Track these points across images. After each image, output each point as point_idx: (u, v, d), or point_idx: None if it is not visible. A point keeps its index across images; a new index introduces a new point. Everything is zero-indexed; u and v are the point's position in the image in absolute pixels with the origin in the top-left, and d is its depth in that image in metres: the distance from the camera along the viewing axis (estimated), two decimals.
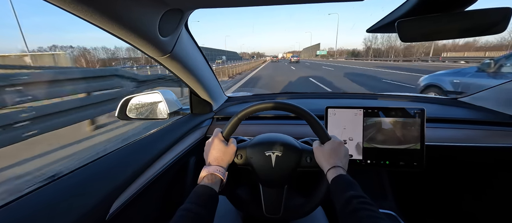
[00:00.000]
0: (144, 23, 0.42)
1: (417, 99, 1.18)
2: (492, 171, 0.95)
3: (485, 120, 0.88)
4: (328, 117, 0.78)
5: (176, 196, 0.81)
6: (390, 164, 0.75)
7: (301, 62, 36.02)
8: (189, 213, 0.41)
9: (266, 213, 0.60)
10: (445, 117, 0.91)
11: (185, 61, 0.70)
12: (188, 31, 0.69)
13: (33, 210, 0.39)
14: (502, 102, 0.90)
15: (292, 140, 0.61)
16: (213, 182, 0.49)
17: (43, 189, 0.44)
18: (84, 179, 0.48)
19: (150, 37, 0.47)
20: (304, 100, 1.25)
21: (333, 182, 0.47)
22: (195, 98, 0.99)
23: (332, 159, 0.51)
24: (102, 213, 0.45)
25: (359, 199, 0.41)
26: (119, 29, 0.40)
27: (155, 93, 0.97)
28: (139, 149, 0.64)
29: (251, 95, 1.40)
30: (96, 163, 0.54)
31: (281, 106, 0.56)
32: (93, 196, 0.45)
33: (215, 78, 1.04)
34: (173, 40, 0.57)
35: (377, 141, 0.76)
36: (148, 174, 0.60)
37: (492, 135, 0.83)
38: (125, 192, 0.51)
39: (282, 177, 0.58)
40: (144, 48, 0.50)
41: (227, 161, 0.55)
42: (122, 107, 0.94)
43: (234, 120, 0.57)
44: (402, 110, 0.74)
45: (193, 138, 0.87)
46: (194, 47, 0.77)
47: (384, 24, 0.52)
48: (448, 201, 1.11)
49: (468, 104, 1.03)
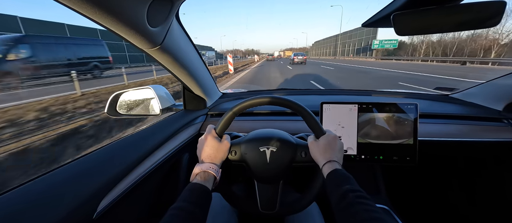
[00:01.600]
0: (131, 11, 0.40)
1: (410, 95, 1.20)
2: (482, 165, 0.98)
3: (475, 115, 0.90)
4: (323, 112, 0.78)
5: (168, 194, 0.79)
6: (384, 159, 0.76)
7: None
8: (180, 212, 0.39)
9: (261, 209, 0.60)
10: (437, 112, 0.93)
11: (176, 54, 0.67)
12: (180, 23, 0.67)
13: (13, 209, 0.36)
14: (491, 98, 0.92)
15: (287, 135, 0.61)
16: (206, 179, 0.48)
17: (25, 187, 0.42)
18: (70, 177, 0.46)
19: (138, 27, 0.44)
20: (299, 96, 1.25)
21: (328, 176, 0.47)
22: (189, 94, 0.97)
23: (327, 153, 0.51)
24: (89, 211, 0.43)
25: (355, 193, 0.41)
26: (104, 17, 0.37)
27: (146, 89, 0.94)
28: (129, 145, 0.62)
29: (246, 91, 1.39)
30: (83, 160, 0.52)
31: (276, 101, 0.55)
32: (79, 194, 0.43)
33: (209, 74, 1.01)
34: (164, 32, 0.54)
35: (371, 136, 0.76)
36: (139, 171, 0.58)
37: (481, 130, 0.85)
38: (113, 190, 0.49)
39: (277, 172, 0.57)
40: (132, 39, 0.48)
41: (221, 157, 0.54)
42: (112, 103, 0.91)
43: (227, 115, 0.55)
44: (396, 106, 0.74)
45: (187, 134, 0.85)
46: (186, 40, 0.74)
47: (380, 17, 0.51)
48: (440, 195, 1.14)
49: (459, 100, 1.05)
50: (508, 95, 0.86)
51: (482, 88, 0.98)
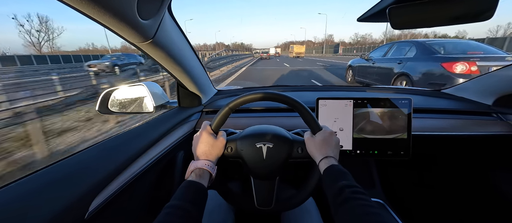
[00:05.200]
0: (120, 3, 0.38)
1: (403, 91, 1.22)
2: (473, 158, 1.01)
3: (466, 110, 0.92)
4: (319, 108, 0.78)
5: (163, 192, 0.78)
6: (379, 153, 0.77)
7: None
8: (176, 210, 0.39)
9: (257, 205, 0.60)
10: (429, 107, 0.95)
11: (169, 49, 0.65)
12: (173, 16, 0.65)
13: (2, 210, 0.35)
14: (481, 93, 0.95)
15: (283, 131, 0.60)
16: (201, 176, 0.47)
17: (14, 186, 0.40)
18: (60, 176, 0.44)
19: (128, 20, 0.42)
20: (294, 92, 1.25)
21: (325, 172, 0.47)
22: (183, 91, 0.95)
23: (323, 149, 0.51)
24: (80, 211, 0.42)
25: (351, 189, 0.41)
26: (91, 8, 0.35)
27: (139, 86, 0.92)
28: (122, 143, 0.60)
29: (242, 88, 1.38)
30: (73, 159, 0.50)
31: (272, 97, 0.54)
32: (70, 193, 0.41)
33: (204, 70, 1.00)
34: (155, 25, 0.52)
35: (366, 131, 0.77)
36: (132, 170, 0.57)
37: (472, 124, 0.87)
38: (106, 189, 0.47)
39: (274, 168, 0.57)
40: (122, 32, 0.46)
41: (216, 154, 0.53)
42: (103, 101, 0.88)
43: (223, 111, 0.54)
44: (390, 101, 0.75)
45: (181, 132, 0.84)
46: (180, 35, 0.72)
47: (375, 12, 0.51)
48: (432, 188, 1.17)
49: (450, 95, 1.07)
50: (497, 89, 0.89)
51: (473, 83, 1.00)
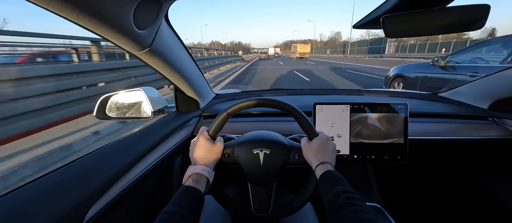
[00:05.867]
0: (117, 14, 0.38)
1: (400, 94, 1.23)
2: (469, 162, 1.01)
3: (462, 114, 0.93)
4: (316, 113, 0.78)
5: (161, 198, 0.78)
6: (376, 158, 0.77)
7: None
8: (172, 216, 0.39)
9: (255, 211, 0.60)
10: (426, 111, 0.95)
11: (166, 57, 0.66)
12: (169, 24, 0.65)
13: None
14: (477, 97, 0.95)
15: (280, 137, 0.60)
16: (198, 181, 0.47)
17: (8, 197, 0.39)
18: (57, 184, 0.44)
19: (124, 30, 0.43)
20: (292, 96, 1.25)
21: (321, 178, 0.47)
22: (181, 96, 0.95)
23: (320, 155, 0.51)
24: (77, 219, 0.42)
25: (346, 194, 0.41)
26: (87, 20, 0.36)
27: (137, 91, 0.92)
28: (119, 150, 0.60)
29: (239, 92, 1.39)
30: (71, 166, 0.50)
31: (270, 103, 0.55)
32: (66, 201, 0.41)
33: (202, 75, 1.00)
34: (152, 34, 0.53)
35: (363, 136, 0.77)
36: (130, 176, 0.56)
37: (468, 128, 0.87)
38: (102, 198, 0.47)
39: (271, 174, 0.57)
40: (118, 42, 0.46)
41: (214, 159, 0.54)
42: (101, 106, 0.88)
43: (221, 117, 0.55)
44: (387, 106, 0.75)
45: (179, 137, 0.84)
46: (177, 42, 0.73)
47: (370, 19, 0.52)
48: (429, 192, 1.17)
49: (447, 99, 1.08)
50: (493, 94, 0.89)
51: (469, 87, 1.01)
